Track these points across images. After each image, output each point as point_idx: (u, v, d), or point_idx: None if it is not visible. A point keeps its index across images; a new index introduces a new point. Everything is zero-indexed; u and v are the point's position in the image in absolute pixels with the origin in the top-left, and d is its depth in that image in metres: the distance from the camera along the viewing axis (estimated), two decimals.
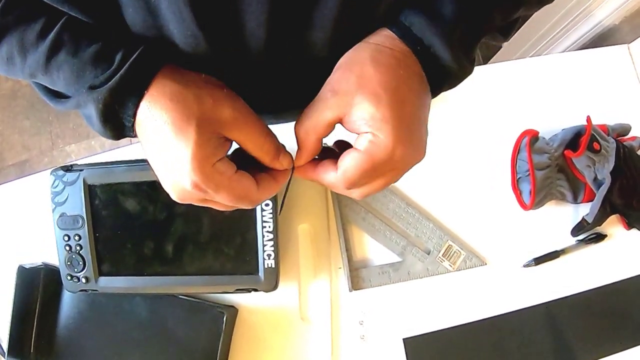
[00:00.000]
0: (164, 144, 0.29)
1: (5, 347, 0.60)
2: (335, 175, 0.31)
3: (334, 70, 0.31)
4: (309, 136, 0.30)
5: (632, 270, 0.63)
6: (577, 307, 0.61)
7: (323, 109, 0.29)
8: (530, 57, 0.72)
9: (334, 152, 0.33)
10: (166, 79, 0.30)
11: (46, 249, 0.59)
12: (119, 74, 0.29)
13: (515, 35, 0.99)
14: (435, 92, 0.33)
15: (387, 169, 0.30)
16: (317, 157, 0.33)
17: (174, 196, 0.31)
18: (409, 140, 0.29)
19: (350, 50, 0.31)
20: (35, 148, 1.50)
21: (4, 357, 0.62)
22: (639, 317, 0.64)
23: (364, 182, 0.31)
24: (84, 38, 0.31)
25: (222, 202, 0.31)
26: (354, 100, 0.28)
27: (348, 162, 0.30)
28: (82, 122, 1.46)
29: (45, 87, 0.35)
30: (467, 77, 0.33)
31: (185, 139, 0.29)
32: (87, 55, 0.30)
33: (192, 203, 0.32)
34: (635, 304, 0.64)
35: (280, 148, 0.33)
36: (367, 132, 0.29)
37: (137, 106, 0.30)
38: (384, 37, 0.31)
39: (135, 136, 0.32)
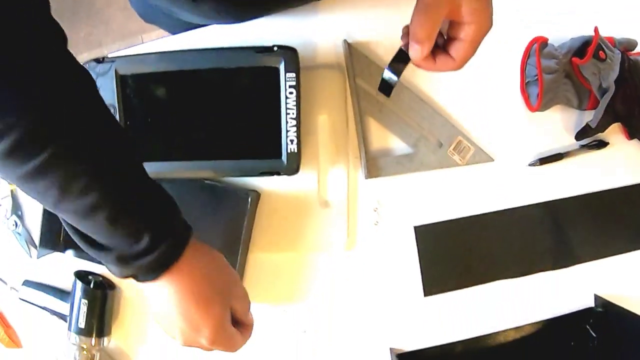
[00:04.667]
0: (190, 309, 0.38)
1: (37, 240, 0.64)
2: (454, 63, 0.39)
3: None
4: (433, 32, 0.36)
5: (632, 178, 0.66)
6: (577, 207, 0.65)
7: (438, 9, 0.36)
8: None
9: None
10: (196, 256, 0.39)
11: None
12: (146, 261, 0.35)
13: None
14: None
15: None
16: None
17: (181, 342, 0.40)
18: (491, 20, 0.38)
19: None
20: None
21: (33, 248, 0.65)
22: (635, 224, 0.68)
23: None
24: (121, 208, 0.34)
25: (216, 349, 0.41)
26: None
27: (462, 51, 0.38)
28: (92, 30, 1.46)
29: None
30: None
31: (213, 310, 0.38)
32: (120, 229, 0.34)
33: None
34: (633, 211, 0.68)
35: (251, 319, 0.45)
36: (470, 23, 0.37)
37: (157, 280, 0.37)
38: None
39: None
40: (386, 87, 0.41)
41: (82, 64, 0.57)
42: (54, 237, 0.63)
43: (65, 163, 0.32)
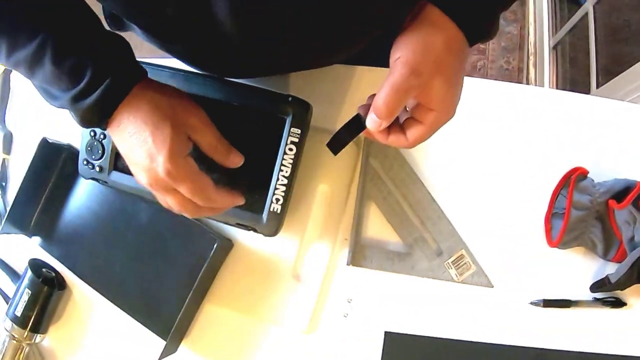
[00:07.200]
0: (144, 138, 0.37)
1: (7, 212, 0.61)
2: (405, 141, 0.38)
3: (402, 44, 0.35)
4: (396, 110, 0.35)
5: None
6: None
7: (408, 90, 0.34)
8: (626, 100, 0.68)
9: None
10: (146, 90, 0.38)
11: (78, 134, 0.60)
12: (93, 98, 0.36)
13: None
14: None
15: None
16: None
17: (145, 182, 0.39)
18: (455, 110, 0.37)
19: (419, 30, 0.35)
20: None
21: (1, 222, 0.63)
22: None
23: None
24: (64, 46, 0.36)
25: (183, 191, 0.39)
26: (433, 83, 0.34)
27: (418, 133, 0.37)
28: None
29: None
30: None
31: (163, 135, 0.37)
32: (65, 70, 0.36)
33: (157, 191, 0.40)
34: None
35: (230, 150, 0.42)
36: (435, 110, 0.36)
37: (109, 121, 0.38)
38: (450, 24, 0.35)
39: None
40: (335, 146, 0.40)
41: None
42: (25, 219, 0.61)
43: (9, 17, 0.35)
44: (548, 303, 0.57)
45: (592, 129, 0.60)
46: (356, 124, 0.38)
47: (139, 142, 0.37)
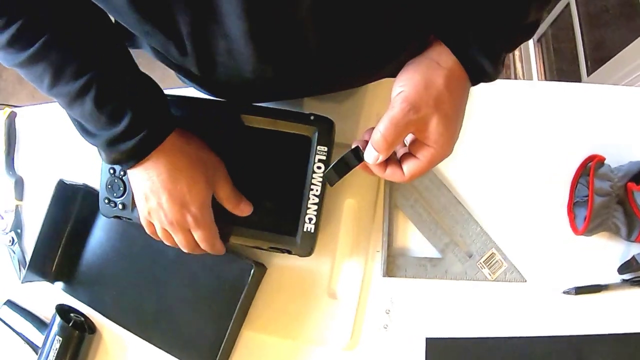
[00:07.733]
0: (178, 187, 0.41)
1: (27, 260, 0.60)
2: (402, 175, 0.38)
3: (404, 80, 0.36)
4: (394, 144, 0.36)
5: None
6: (609, 347, 0.58)
7: (407, 125, 0.35)
8: (624, 85, 0.69)
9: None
10: (177, 138, 0.41)
11: (91, 172, 0.59)
12: (130, 144, 0.39)
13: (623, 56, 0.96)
14: None
15: None
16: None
17: (162, 219, 0.43)
18: (452, 148, 0.38)
19: (422, 67, 0.36)
20: None
21: (23, 269, 0.62)
22: None
23: None
24: (109, 91, 0.38)
25: (198, 236, 0.44)
26: (431, 120, 0.35)
27: (414, 168, 0.38)
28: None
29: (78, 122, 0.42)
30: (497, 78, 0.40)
31: (198, 187, 0.42)
32: (105, 112, 0.38)
33: (173, 229, 0.44)
34: None
35: (241, 200, 0.47)
36: (432, 147, 0.36)
37: (137, 165, 0.41)
38: (453, 63, 0.36)
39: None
40: (333, 178, 0.41)
41: None
42: (46, 265, 0.60)
43: (58, 50, 0.36)
44: (580, 290, 0.57)
45: (598, 117, 0.61)
46: (354, 157, 0.39)
47: (171, 189, 0.41)
